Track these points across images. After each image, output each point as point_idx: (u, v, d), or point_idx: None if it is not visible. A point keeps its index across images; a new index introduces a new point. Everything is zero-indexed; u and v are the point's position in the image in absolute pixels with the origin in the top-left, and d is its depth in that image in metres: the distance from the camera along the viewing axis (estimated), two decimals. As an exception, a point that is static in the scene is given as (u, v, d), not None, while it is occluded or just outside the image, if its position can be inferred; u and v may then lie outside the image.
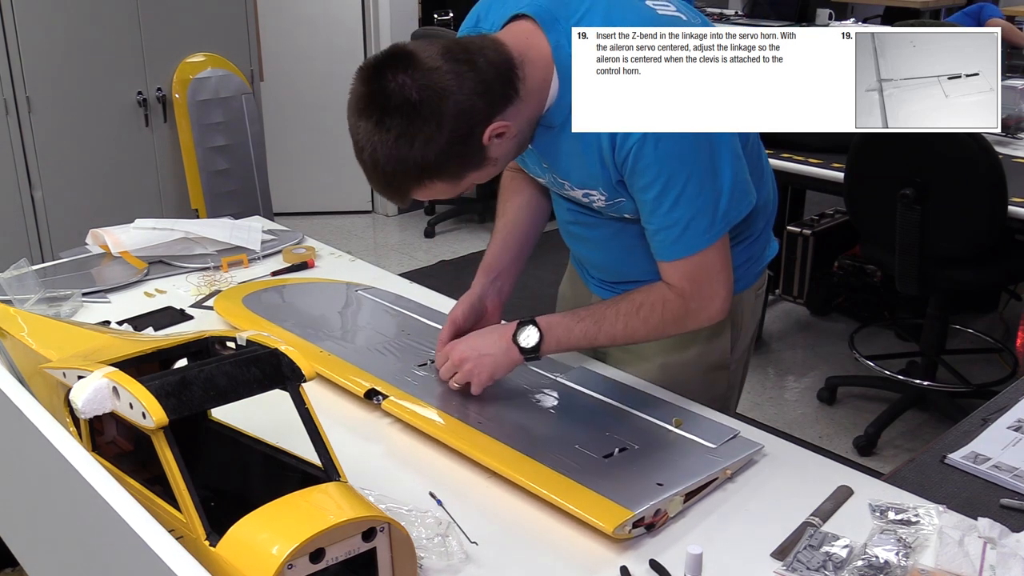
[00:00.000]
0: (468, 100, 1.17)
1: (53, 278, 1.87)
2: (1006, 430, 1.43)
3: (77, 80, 3.37)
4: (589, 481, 1.18)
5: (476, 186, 1.43)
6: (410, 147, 1.17)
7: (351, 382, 1.44)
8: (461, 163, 1.23)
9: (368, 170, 1.22)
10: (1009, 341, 3.67)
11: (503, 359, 1.37)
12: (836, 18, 5.63)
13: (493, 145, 1.23)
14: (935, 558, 1.08)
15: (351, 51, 4.95)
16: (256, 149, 3.81)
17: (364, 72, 1.20)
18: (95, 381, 0.95)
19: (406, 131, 1.16)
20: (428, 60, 1.17)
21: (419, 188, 1.24)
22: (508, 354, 1.36)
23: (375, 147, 1.18)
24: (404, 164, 1.18)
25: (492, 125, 1.20)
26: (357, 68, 1.23)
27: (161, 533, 0.78)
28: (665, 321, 1.37)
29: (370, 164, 1.21)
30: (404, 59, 1.17)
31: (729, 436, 1.30)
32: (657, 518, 1.14)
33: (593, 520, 1.10)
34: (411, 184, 1.23)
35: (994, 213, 2.51)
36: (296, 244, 2.10)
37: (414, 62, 1.17)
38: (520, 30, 1.27)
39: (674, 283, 1.34)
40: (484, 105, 1.19)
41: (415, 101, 1.15)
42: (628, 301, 1.37)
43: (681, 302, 1.35)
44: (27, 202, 3.36)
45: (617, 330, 1.36)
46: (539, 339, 1.35)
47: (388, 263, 4.40)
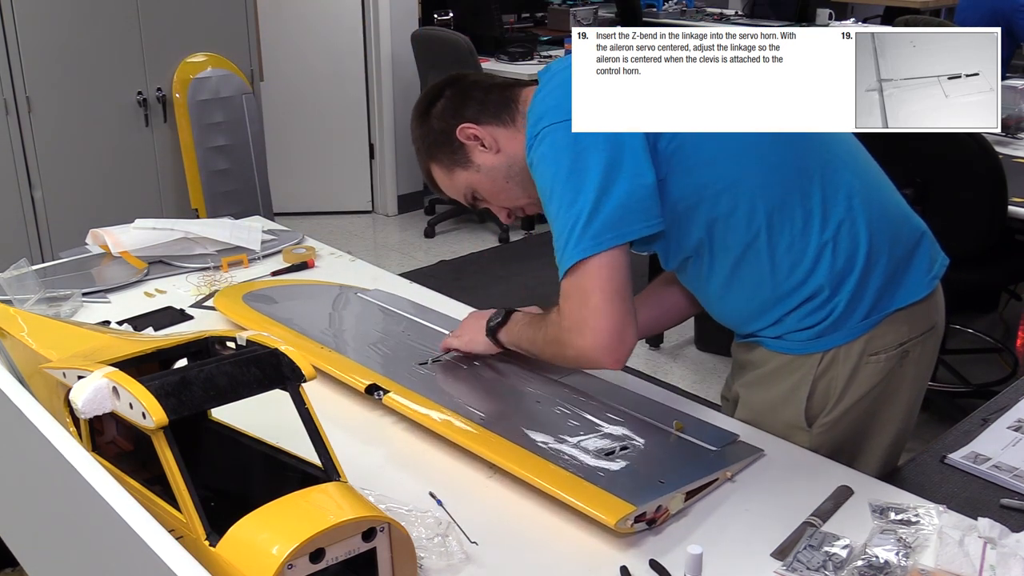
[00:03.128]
0: (459, 96, 1.41)
1: (53, 278, 1.87)
2: (1006, 430, 1.43)
3: (77, 80, 3.37)
4: (591, 476, 1.18)
5: (473, 206, 1.47)
6: (419, 124, 1.45)
7: (351, 378, 1.44)
8: (447, 153, 1.42)
9: None
10: (1009, 341, 3.66)
11: (478, 335, 1.50)
12: (836, 18, 5.63)
13: (476, 150, 1.40)
14: (935, 558, 1.08)
15: (351, 51, 4.95)
16: (256, 149, 3.81)
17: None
18: (95, 381, 0.95)
19: (421, 112, 1.45)
20: (467, 73, 1.48)
21: (428, 168, 1.47)
22: (481, 330, 1.49)
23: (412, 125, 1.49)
24: (415, 139, 1.46)
25: (464, 124, 1.39)
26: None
27: (161, 533, 0.78)
28: (547, 341, 1.34)
29: None
30: (459, 73, 1.49)
31: (729, 440, 1.30)
32: (659, 514, 1.14)
33: (595, 513, 1.10)
34: (422, 161, 1.47)
35: (994, 213, 2.51)
36: (296, 244, 2.10)
37: (460, 75, 1.47)
38: (532, 88, 1.42)
39: (559, 303, 1.30)
40: (468, 105, 1.40)
41: (431, 92, 1.45)
42: (552, 316, 1.33)
43: (557, 321, 1.29)
44: (27, 202, 3.36)
45: (536, 341, 1.38)
46: (500, 323, 1.46)
47: (388, 263, 4.40)
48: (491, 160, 1.40)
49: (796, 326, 1.36)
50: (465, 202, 1.48)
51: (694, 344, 3.60)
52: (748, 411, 1.44)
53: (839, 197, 1.31)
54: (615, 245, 1.22)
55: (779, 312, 1.36)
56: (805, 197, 1.30)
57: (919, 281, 1.38)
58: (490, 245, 4.77)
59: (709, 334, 3.49)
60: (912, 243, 1.39)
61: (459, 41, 4.38)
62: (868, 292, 1.33)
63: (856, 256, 1.32)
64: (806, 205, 1.30)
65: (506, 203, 1.45)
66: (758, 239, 1.30)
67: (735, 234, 1.31)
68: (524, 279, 4.30)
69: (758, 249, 1.31)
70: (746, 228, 1.30)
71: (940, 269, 1.43)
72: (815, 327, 1.34)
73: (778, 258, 1.31)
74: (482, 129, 1.39)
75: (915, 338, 1.40)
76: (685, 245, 1.34)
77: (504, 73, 4.75)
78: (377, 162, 5.20)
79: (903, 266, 1.37)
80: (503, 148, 1.39)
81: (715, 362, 3.47)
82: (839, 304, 1.32)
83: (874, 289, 1.34)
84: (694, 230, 1.32)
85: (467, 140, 1.40)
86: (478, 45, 4.48)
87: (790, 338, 1.37)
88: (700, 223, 1.31)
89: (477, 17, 5.06)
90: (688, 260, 1.37)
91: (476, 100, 1.40)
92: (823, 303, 1.33)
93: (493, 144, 1.39)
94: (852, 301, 1.33)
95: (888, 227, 1.36)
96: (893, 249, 1.35)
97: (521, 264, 4.51)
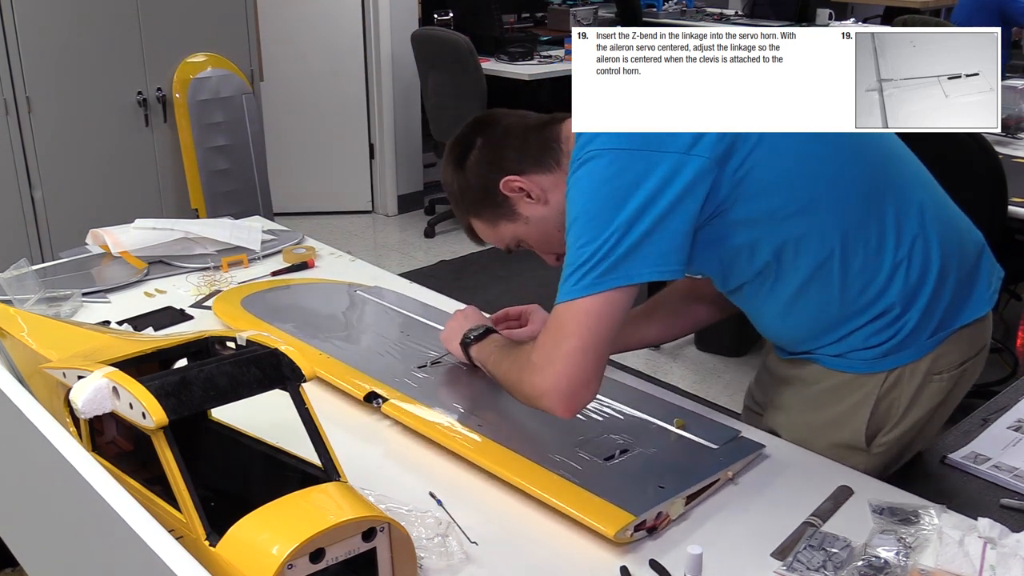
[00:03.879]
0: (496, 147, 1.36)
1: (53, 278, 1.87)
2: (1006, 430, 1.43)
3: (77, 80, 3.37)
4: (590, 484, 1.17)
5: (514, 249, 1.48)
6: (453, 177, 1.40)
7: (351, 385, 1.44)
8: (490, 208, 1.38)
9: None
10: (1009, 341, 3.66)
11: (454, 337, 1.48)
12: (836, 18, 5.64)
13: (522, 202, 1.35)
14: (935, 558, 1.08)
15: (351, 51, 4.95)
16: (256, 149, 3.82)
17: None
18: (95, 381, 0.95)
19: (454, 164, 1.40)
20: (499, 115, 1.40)
21: (467, 222, 1.44)
22: (457, 336, 1.47)
23: (445, 174, 1.43)
24: (451, 193, 1.43)
25: (506, 177, 1.33)
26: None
27: (161, 533, 0.78)
28: (512, 368, 1.27)
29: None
30: (489, 113, 1.42)
31: (731, 437, 1.30)
32: (659, 521, 1.14)
33: (595, 524, 1.10)
34: (461, 215, 1.44)
35: (994, 213, 2.51)
36: (296, 244, 2.10)
37: (491, 115, 1.41)
38: (569, 122, 1.36)
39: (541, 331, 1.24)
40: (508, 156, 1.34)
41: (464, 142, 1.39)
42: (525, 347, 1.29)
43: (528, 351, 1.24)
44: (27, 202, 3.36)
45: (501, 365, 1.32)
46: (478, 337, 1.43)
47: (388, 263, 4.40)
48: (539, 211, 1.35)
49: (861, 344, 1.31)
50: (507, 250, 1.44)
51: (694, 344, 3.60)
52: (796, 430, 1.38)
53: (911, 213, 1.28)
54: (618, 286, 1.16)
55: (845, 330, 1.31)
56: (880, 215, 1.26)
57: (982, 296, 1.35)
58: (490, 245, 4.77)
59: (709, 335, 3.48)
60: (975, 257, 1.36)
61: (459, 41, 4.38)
62: (938, 309, 1.30)
63: (928, 272, 1.28)
64: (881, 223, 1.26)
65: (557, 250, 1.36)
66: (830, 260, 1.25)
67: (806, 257, 1.25)
68: (524, 279, 4.30)
69: (829, 270, 1.26)
70: (818, 250, 1.24)
71: (997, 283, 1.39)
72: (882, 345, 1.30)
73: (850, 278, 1.26)
74: (527, 180, 1.33)
75: (973, 356, 1.37)
76: (748, 269, 1.28)
77: (504, 73, 4.75)
78: (377, 162, 5.20)
79: (969, 281, 1.34)
80: (551, 197, 1.33)
81: (715, 362, 3.46)
82: (909, 322, 1.28)
83: (943, 306, 1.30)
84: (761, 254, 1.25)
85: (512, 193, 1.34)
86: (478, 45, 4.48)
87: (853, 356, 1.32)
88: (768, 247, 1.25)
89: (477, 17, 5.06)
90: (746, 283, 1.31)
91: (514, 148, 1.34)
92: (893, 321, 1.28)
93: (541, 195, 1.33)
94: (923, 319, 1.29)
95: (956, 242, 1.33)
96: (961, 264, 1.32)
97: (521, 264, 4.50)
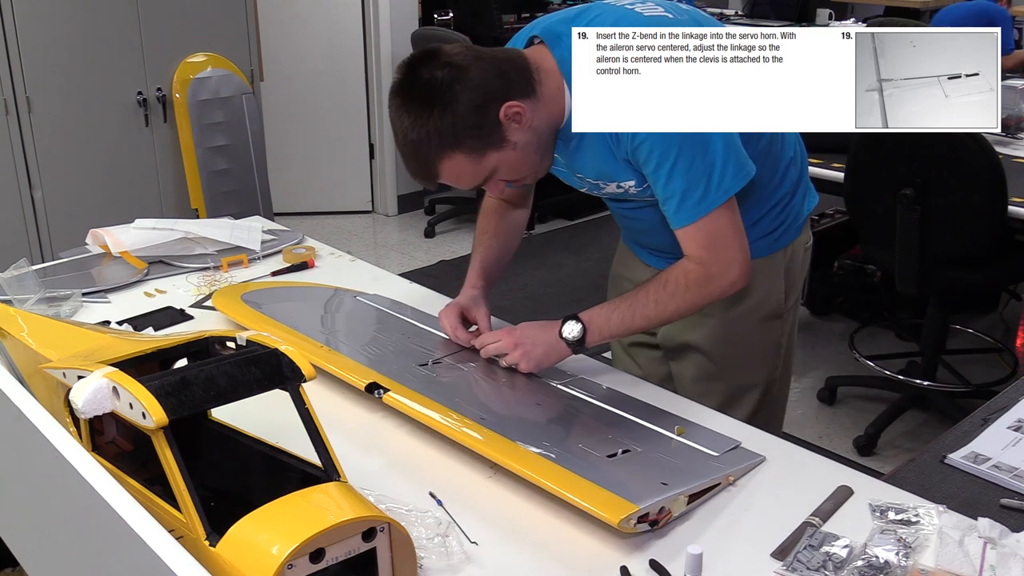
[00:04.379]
0: (484, 77, 1.34)
1: (53, 278, 1.87)
2: (1006, 430, 1.43)
3: (77, 80, 3.37)
4: (593, 476, 1.17)
5: (476, 188, 1.46)
6: (429, 115, 1.32)
7: (351, 377, 1.44)
8: (479, 137, 1.35)
9: (400, 147, 1.38)
10: (1009, 341, 3.66)
11: (552, 351, 1.47)
12: (836, 18, 5.63)
13: (511, 128, 1.36)
14: (935, 558, 1.08)
15: (351, 51, 4.95)
16: (256, 149, 3.82)
17: (398, 68, 1.38)
18: (95, 381, 0.95)
19: (428, 102, 1.32)
20: (451, 50, 1.36)
21: (443, 161, 1.37)
22: (556, 347, 1.47)
23: (403, 122, 1.35)
24: (427, 133, 1.33)
25: (507, 103, 1.34)
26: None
27: (161, 533, 0.78)
28: (689, 289, 1.43)
29: (400, 140, 1.37)
30: (430, 53, 1.36)
31: (730, 447, 1.29)
32: (661, 516, 1.14)
33: (598, 512, 1.09)
34: (435, 156, 1.36)
35: (994, 213, 2.51)
36: (296, 244, 2.10)
37: (439, 53, 1.35)
38: (533, 50, 1.45)
39: (691, 252, 1.43)
40: (500, 84, 1.35)
41: (438, 79, 1.32)
42: (655, 281, 1.45)
43: (701, 268, 1.42)
44: (27, 202, 3.36)
45: (649, 310, 1.45)
46: (582, 331, 1.45)
47: (388, 263, 4.40)
48: (526, 136, 1.39)
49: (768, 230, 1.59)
50: (472, 186, 1.45)
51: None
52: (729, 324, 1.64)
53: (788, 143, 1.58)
54: (737, 189, 1.39)
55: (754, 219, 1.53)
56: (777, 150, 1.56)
57: (812, 195, 1.72)
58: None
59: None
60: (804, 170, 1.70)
61: (459, 41, 4.39)
62: (802, 199, 1.66)
63: (803, 175, 1.65)
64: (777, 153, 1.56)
65: (524, 173, 1.46)
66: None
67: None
68: (524, 279, 4.30)
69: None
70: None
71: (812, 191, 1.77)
72: (779, 228, 1.61)
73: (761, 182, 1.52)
74: (522, 104, 1.37)
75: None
76: None
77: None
78: (377, 162, 5.20)
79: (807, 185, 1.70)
80: (535, 121, 1.40)
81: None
82: (794, 207, 1.62)
83: (802, 197, 1.67)
84: None
85: (507, 119, 1.36)
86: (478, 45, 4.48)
87: (760, 243, 1.56)
88: None
89: (477, 17, 5.06)
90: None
91: (499, 76, 1.36)
92: (785, 207, 1.60)
93: (530, 119, 1.39)
94: (800, 205, 1.65)
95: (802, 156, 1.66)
96: (803, 173, 1.67)
97: (521, 264, 4.50)
